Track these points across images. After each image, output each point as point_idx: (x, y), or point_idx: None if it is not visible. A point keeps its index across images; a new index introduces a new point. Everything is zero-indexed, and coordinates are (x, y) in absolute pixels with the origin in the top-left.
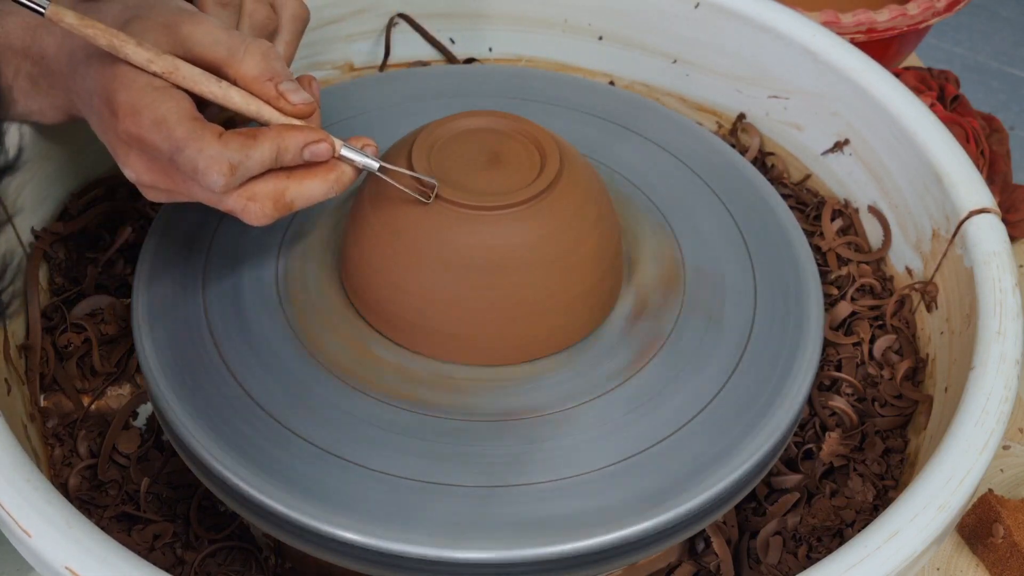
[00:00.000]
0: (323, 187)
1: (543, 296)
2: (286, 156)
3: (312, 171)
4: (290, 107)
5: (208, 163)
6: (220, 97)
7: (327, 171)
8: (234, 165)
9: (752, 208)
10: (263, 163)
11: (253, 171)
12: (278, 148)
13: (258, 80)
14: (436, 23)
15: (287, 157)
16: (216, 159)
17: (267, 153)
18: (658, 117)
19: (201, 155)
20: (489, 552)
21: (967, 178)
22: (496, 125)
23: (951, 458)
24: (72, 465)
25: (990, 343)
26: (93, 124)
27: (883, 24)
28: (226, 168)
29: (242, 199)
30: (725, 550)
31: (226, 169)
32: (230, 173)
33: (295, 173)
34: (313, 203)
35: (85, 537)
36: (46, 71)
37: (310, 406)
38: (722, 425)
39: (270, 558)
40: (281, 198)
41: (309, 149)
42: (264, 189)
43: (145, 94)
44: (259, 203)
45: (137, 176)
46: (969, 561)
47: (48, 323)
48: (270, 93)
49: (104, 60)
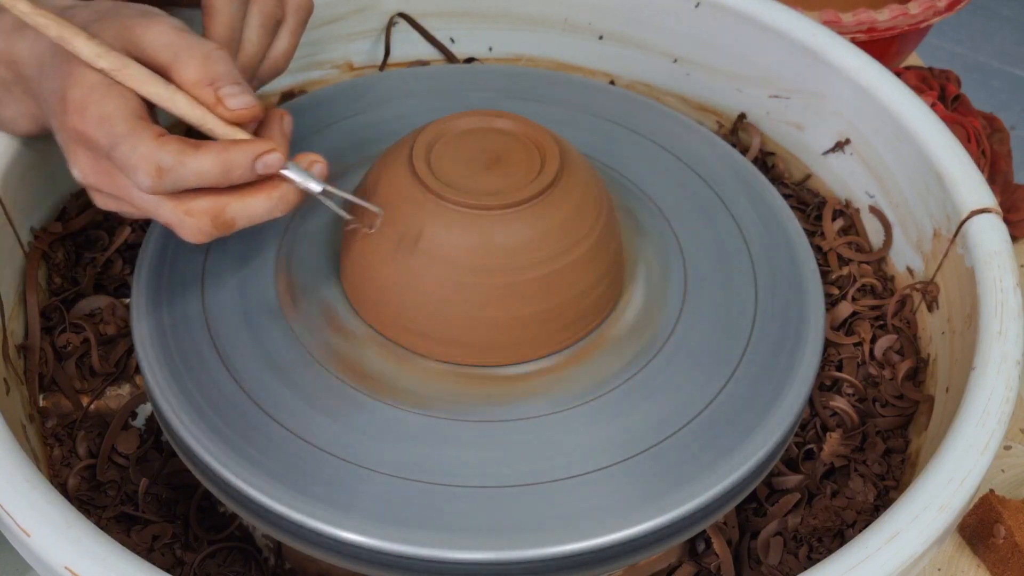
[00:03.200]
0: (266, 205)
1: (543, 296)
2: (235, 172)
3: (255, 188)
4: (227, 112)
5: (138, 160)
6: (166, 100)
7: (271, 188)
8: (163, 168)
9: (753, 208)
10: (200, 175)
11: (188, 181)
12: (224, 163)
13: (198, 84)
14: (436, 22)
15: (237, 173)
16: (146, 157)
17: (207, 165)
18: (658, 117)
19: (134, 152)
20: (489, 552)
21: (968, 178)
22: (496, 125)
23: (952, 458)
24: (71, 465)
25: (991, 343)
26: (52, 126)
27: (884, 23)
28: (153, 169)
29: (178, 212)
30: (726, 551)
31: (153, 170)
32: (157, 175)
33: (237, 189)
34: (256, 222)
35: (84, 537)
36: (19, 77)
37: (310, 406)
38: (722, 425)
39: (270, 559)
40: (220, 215)
41: (261, 161)
42: (202, 205)
43: (95, 90)
44: (196, 218)
45: (83, 176)
46: (970, 562)
47: (47, 323)
48: (209, 98)
49: (64, 58)
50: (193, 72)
